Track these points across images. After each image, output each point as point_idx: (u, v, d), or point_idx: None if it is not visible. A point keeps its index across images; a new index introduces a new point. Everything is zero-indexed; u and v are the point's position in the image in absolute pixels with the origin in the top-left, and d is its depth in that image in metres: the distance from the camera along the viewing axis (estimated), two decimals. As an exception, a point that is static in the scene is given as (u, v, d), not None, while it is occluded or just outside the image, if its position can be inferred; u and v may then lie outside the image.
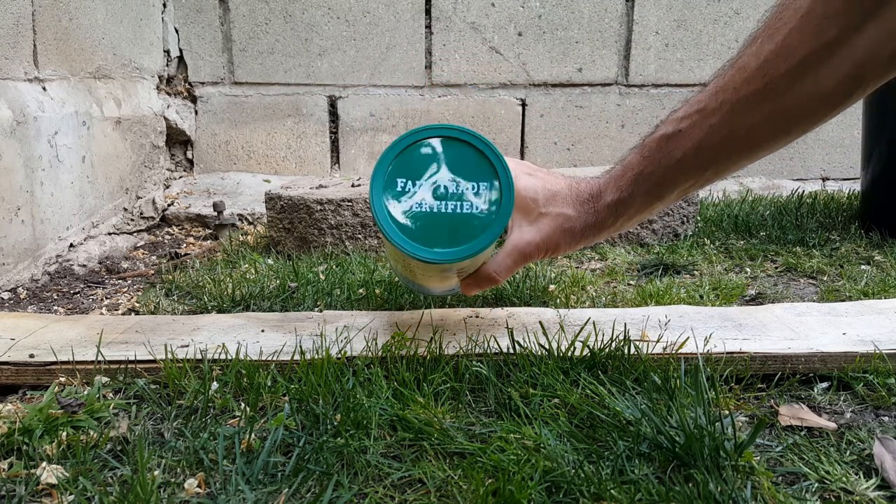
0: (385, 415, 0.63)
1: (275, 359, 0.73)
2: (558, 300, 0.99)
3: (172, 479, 0.55)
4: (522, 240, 0.71)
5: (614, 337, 0.75)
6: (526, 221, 0.71)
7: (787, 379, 0.72)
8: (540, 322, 0.80)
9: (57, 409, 0.64)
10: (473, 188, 0.66)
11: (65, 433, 0.61)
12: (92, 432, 0.62)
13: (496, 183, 0.66)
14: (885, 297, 0.97)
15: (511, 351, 0.73)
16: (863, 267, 1.18)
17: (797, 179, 2.10)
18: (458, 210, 0.66)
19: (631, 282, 1.12)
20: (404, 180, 0.66)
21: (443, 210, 0.65)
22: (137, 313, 1.02)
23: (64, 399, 0.66)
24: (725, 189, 1.96)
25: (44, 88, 1.30)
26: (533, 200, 0.70)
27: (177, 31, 1.93)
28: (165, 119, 1.87)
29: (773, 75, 0.56)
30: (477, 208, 0.66)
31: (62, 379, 0.72)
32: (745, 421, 0.65)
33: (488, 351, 0.74)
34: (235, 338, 0.79)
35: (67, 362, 0.73)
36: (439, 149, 0.66)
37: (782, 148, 0.62)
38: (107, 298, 1.14)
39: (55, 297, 1.14)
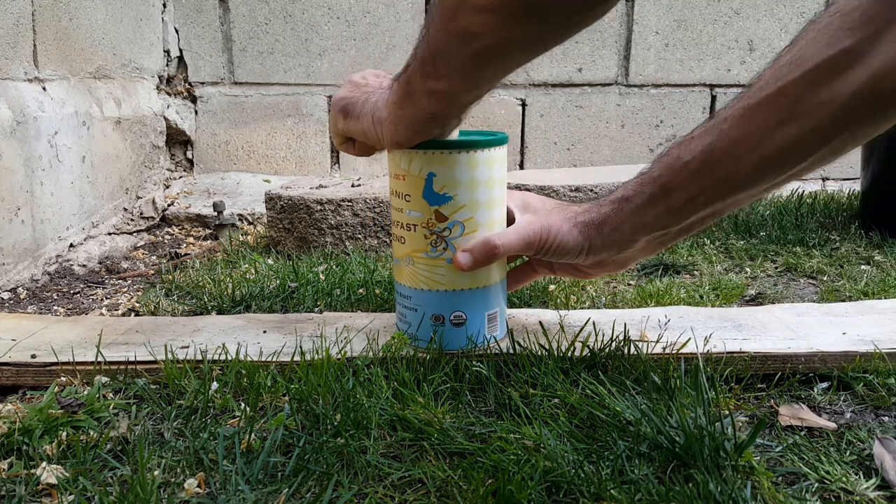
0: (385, 415, 0.63)
1: (275, 359, 0.73)
2: (558, 300, 0.99)
3: (172, 479, 0.55)
4: (525, 219, 0.75)
5: (614, 337, 0.75)
6: (530, 213, 0.76)
7: (787, 379, 0.72)
8: (540, 322, 0.80)
9: (57, 409, 0.64)
10: None
11: (65, 433, 0.61)
12: (92, 432, 0.62)
13: None
14: (885, 297, 0.97)
15: (511, 351, 0.74)
16: (863, 267, 1.18)
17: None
18: None
19: (631, 282, 1.12)
20: None
21: None
22: (137, 313, 1.02)
23: (64, 399, 0.66)
24: (725, 189, 1.96)
25: (44, 88, 1.30)
26: (537, 208, 0.77)
27: (177, 31, 1.93)
28: (165, 119, 1.87)
29: (785, 80, 0.57)
30: None
31: (62, 379, 0.72)
32: (745, 421, 0.65)
33: (488, 351, 0.74)
34: (236, 338, 0.79)
35: (68, 363, 0.73)
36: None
37: (805, 167, 0.60)
38: (107, 298, 1.14)
39: (55, 298, 1.14)
